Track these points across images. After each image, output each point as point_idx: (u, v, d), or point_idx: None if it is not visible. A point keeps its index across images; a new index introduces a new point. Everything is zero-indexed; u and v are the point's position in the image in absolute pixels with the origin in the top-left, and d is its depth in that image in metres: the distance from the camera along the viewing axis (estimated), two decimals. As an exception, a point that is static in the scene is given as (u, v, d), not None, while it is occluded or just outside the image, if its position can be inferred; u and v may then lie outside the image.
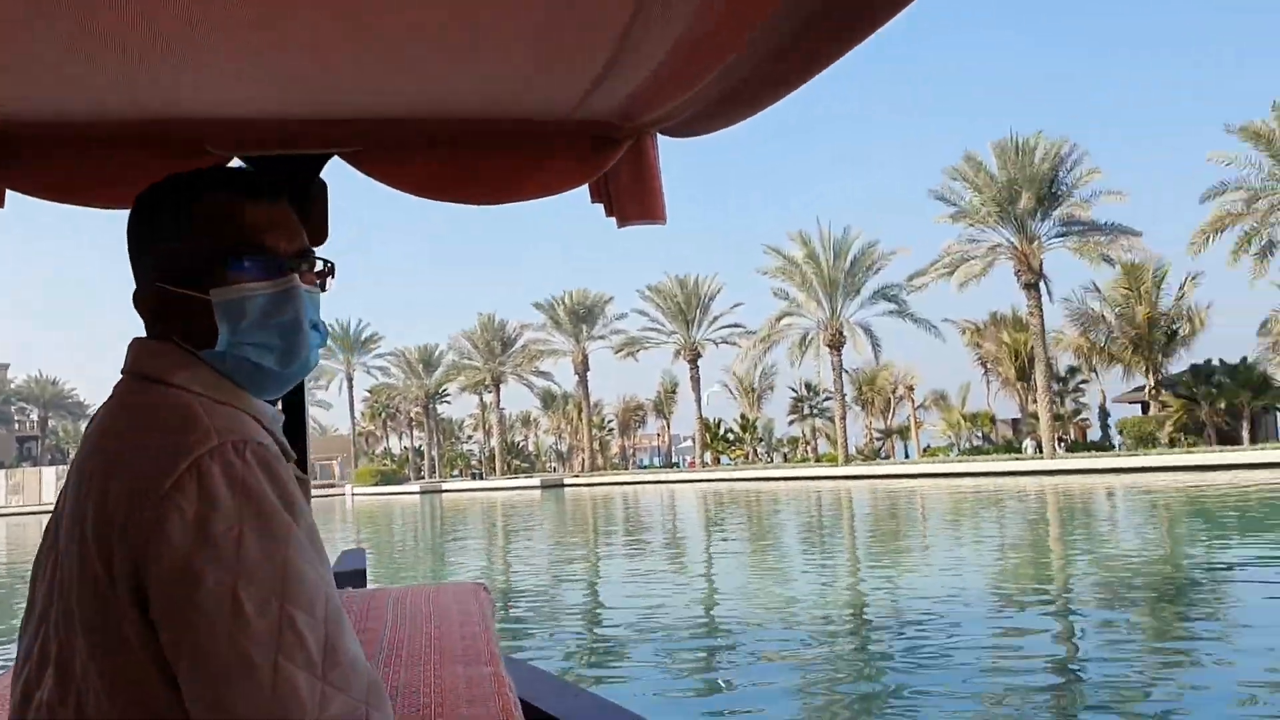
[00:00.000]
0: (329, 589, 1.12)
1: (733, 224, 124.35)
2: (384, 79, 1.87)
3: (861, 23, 1.34)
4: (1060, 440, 54.59)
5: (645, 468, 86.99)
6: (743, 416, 77.33)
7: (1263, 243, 38.87)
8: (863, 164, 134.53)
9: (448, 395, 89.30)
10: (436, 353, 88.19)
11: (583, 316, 74.87)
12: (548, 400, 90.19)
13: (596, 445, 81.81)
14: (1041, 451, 48.67)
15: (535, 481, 70.16)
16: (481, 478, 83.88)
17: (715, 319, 69.71)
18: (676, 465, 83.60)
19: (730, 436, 76.37)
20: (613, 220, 2.42)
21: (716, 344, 69.96)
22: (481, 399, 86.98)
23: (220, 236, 1.25)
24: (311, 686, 1.04)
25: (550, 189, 2.25)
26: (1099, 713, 7.35)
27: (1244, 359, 50.48)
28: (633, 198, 2.31)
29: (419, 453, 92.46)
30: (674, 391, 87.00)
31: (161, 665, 1.08)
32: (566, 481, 69.52)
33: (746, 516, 32.34)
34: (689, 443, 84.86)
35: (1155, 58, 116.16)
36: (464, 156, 2.26)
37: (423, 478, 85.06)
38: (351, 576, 3.37)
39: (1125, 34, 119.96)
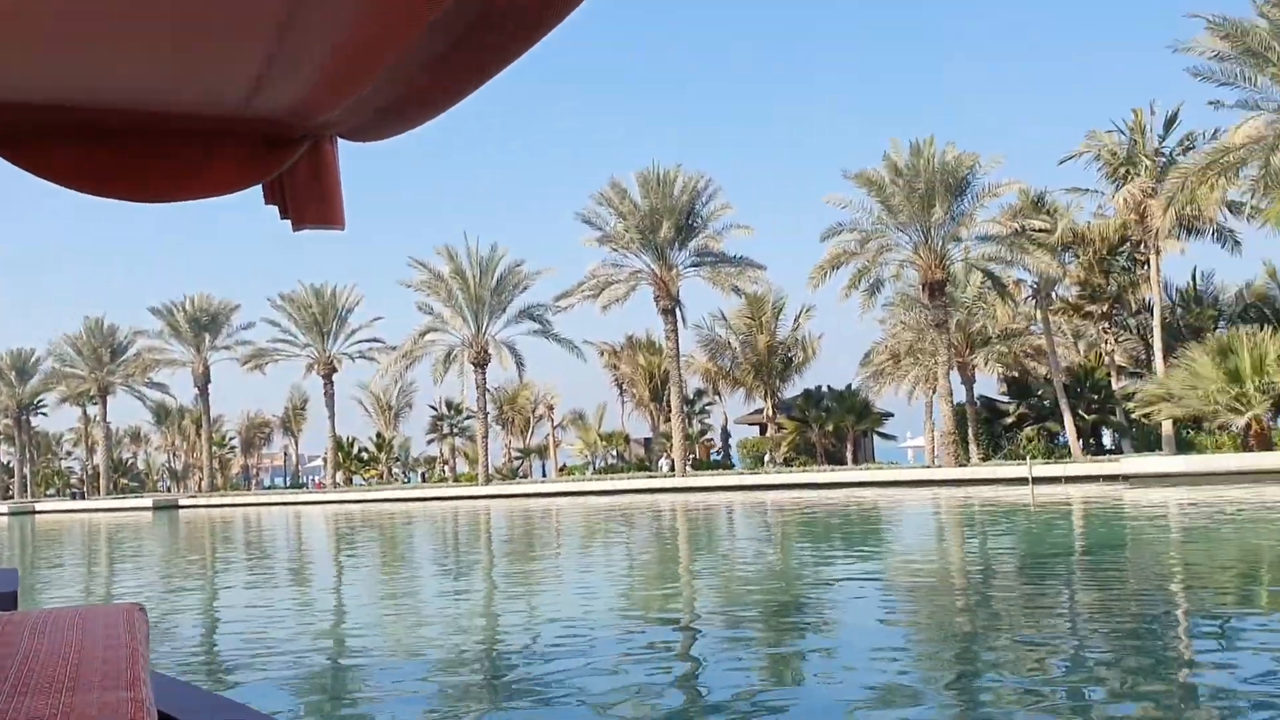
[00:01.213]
0: None
1: (379, 234, 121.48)
2: (32, 61, 1.80)
3: (521, 33, 1.41)
4: (686, 459, 57.26)
5: (269, 488, 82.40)
6: (378, 435, 75.17)
7: (871, 280, 42.80)
8: (519, 182, 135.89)
9: (44, 406, 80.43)
10: (33, 359, 78.99)
11: (205, 324, 69.64)
12: (161, 414, 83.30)
13: (216, 464, 76.37)
14: (674, 469, 50.73)
15: (146, 502, 64.60)
16: (83, 497, 75.99)
17: (353, 332, 67.31)
18: (304, 485, 79.57)
19: (365, 456, 73.95)
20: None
21: (354, 358, 67.55)
22: (85, 411, 78.94)
23: None
24: None
25: (221, 187, 2.20)
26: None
27: (848, 386, 55.44)
28: (310, 201, 2.27)
29: (8, 470, 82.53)
30: (303, 407, 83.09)
31: None
32: (182, 502, 64.40)
33: (380, 539, 31.53)
34: (318, 462, 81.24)
35: (792, 101, 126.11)
36: (124, 149, 2.18)
37: (11, 497, 75.91)
38: None
39: (771, 76, 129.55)
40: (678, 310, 49.56)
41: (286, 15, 1.55)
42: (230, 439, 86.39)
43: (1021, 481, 37.72)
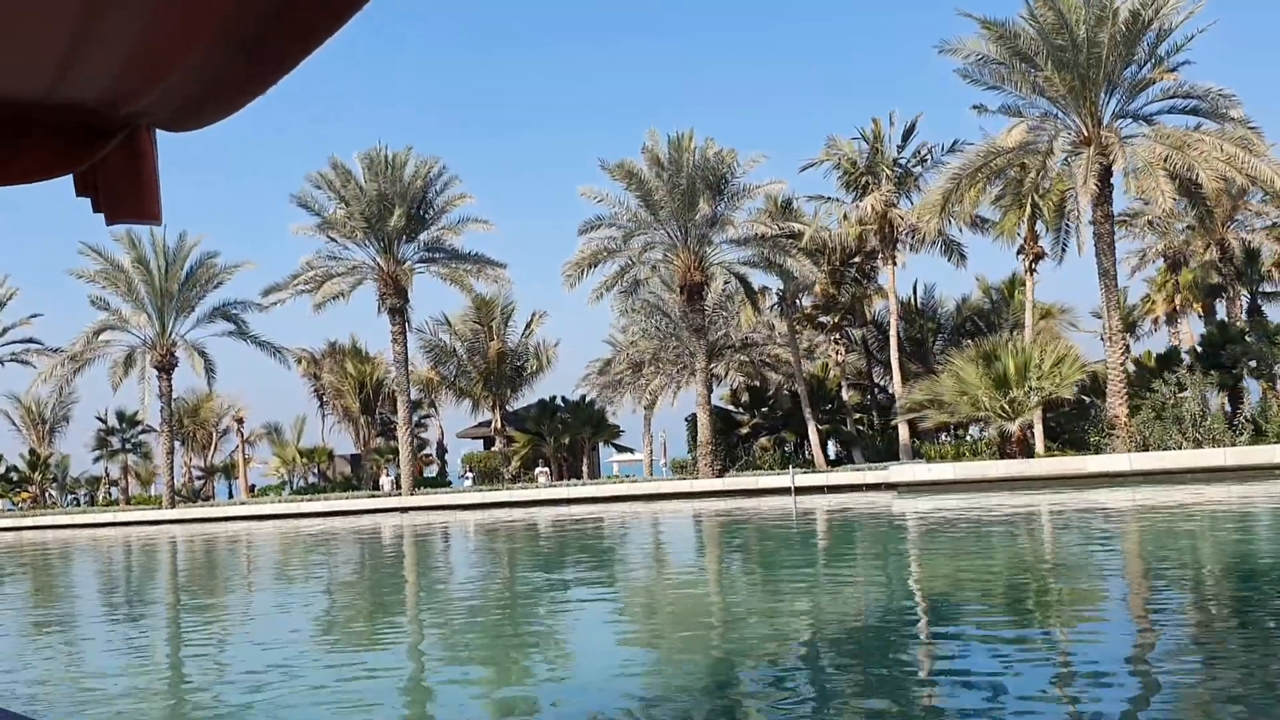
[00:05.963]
0: None
1: (47, 215, 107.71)
2: None
3: (328, 14, 1.43)
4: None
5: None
6: (31, 452, 64.77)
7: (630, 280, 39.72)
8: (233, 164, 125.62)
9: None
10: None
11: None
12: None
13: None
14: (400, 487, 45.76)
15: None
16: None
17: (4, 331, 57.31)
18: (-67, 513, 67.36)
19: (15, 476, 63.42)
20: None
21: (4, 362, 57.50)
22: None
23: None
24: None
25: (28, 176, 2.07)
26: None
27: (583, 396, 52.49)
28: (125, 194, 2.12)
29: None
30: (-66, 421, 70.60)
31: None
32: None
33: (33, 573, 28.04)
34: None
35: (541, 92, 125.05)
36: None
37: None
38: None
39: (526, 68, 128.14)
40: (406, 310, 44.65)
41: None
42: None
43: (784, 491, 36.12)
